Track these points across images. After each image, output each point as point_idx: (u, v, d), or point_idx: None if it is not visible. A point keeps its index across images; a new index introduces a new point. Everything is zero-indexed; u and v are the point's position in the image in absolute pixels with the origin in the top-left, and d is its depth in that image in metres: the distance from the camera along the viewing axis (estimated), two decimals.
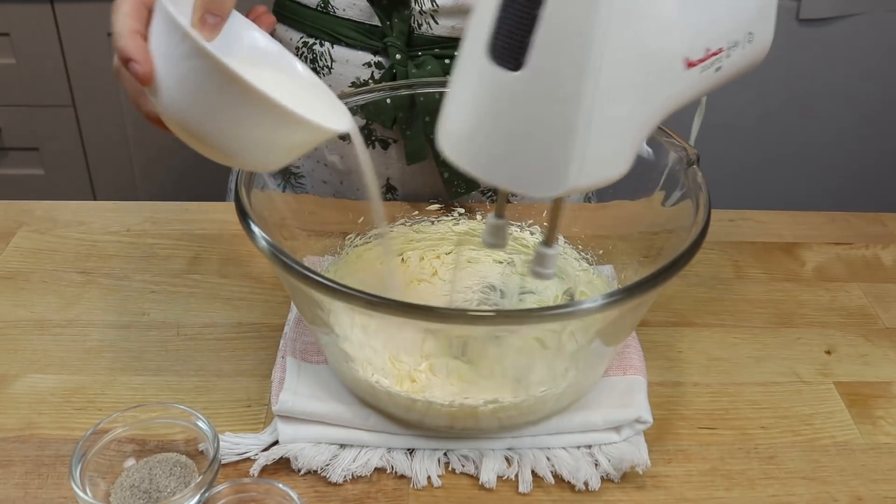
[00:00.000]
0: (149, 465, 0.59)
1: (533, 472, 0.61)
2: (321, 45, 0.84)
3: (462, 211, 0.81)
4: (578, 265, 0.76)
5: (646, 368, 0.67)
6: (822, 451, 0.64)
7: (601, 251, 0.75)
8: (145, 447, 0.60)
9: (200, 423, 0.60)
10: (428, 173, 0.84)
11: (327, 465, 0.60)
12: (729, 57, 0.49)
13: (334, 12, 0.82)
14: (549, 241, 0.53)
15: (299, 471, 0.61)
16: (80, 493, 0.55)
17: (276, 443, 0.61)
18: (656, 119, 0.47)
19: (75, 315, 0.75)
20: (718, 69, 0.49)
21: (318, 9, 0.83)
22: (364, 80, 0.84)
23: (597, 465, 0.61)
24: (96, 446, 0.58)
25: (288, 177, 0.85)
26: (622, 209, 0.73)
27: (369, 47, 0.83)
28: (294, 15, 0.85)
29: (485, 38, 0.44)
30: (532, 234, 0.79)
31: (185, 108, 0.51)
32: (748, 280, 0.83)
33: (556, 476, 0.61)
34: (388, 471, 0.61)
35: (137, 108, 0.59)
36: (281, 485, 0.56)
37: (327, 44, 0.84)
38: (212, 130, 0.51)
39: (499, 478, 0.61)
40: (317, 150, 0.85)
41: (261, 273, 0.81)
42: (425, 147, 0.81)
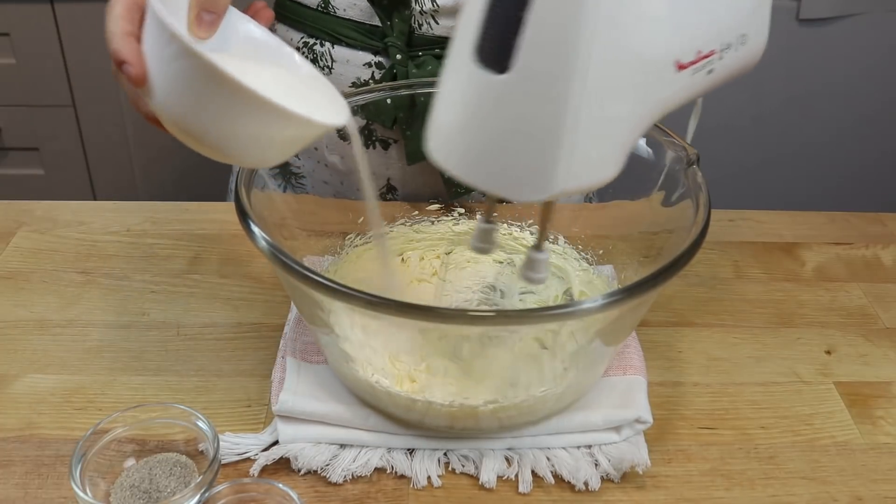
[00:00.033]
0: (149, 465, 0.59)
1: (533, 472, 0.61)
2: (321, 46, 0.84)
3: (462, 211, 0.81)
4: (578, 265, 0.76)
5: (646, 368, 0.67)
6: (822, 451, 0.64)
7: (601, 251, 0.75)
8: (145, 447, 0.60)
9: (200, 423, 0.60)
10: (428, 173, 0.84)
11: (327, 465, 0.60)
12: (721, 59, 0.48)
13: (335, 12, 0.82)
14: (540, 246, 0.53)
15: (299, 471, 0.61)
16: (80, 493, 0.55)
17: (276, 443, 0.61)
18: (647, 121, 0.47)
19: (75, 315, 0.75)
20: (711, 71, 0.48)
21: (319, 9, 0.83)
22: (364, 81, 0.84)
23: (597, 465, 0.61)
24: (96, 446, 0.58)
25: (288, 177, 0.85)
26: (622, 209, 0.73)
27: (370, 47, 0.83)
28: (294, 15, 0.85)
29: (471, 40, 0.43)
30: (532, 234, 0.79)
31: (178, 108, 0.51)
32: (748, 280, 0.83)
33: (556, 476, 0.61)
34: (388, 471, 0.61)
35: (136, 108, 0.59)
36: (281, 485, 0.56)
37: (328, 44, 0.84)
38: (206, 129, 0.51)
39: (499, 478, 0.61)
40: (317, 150, 0.85)
41: (261, 273, 0.81)
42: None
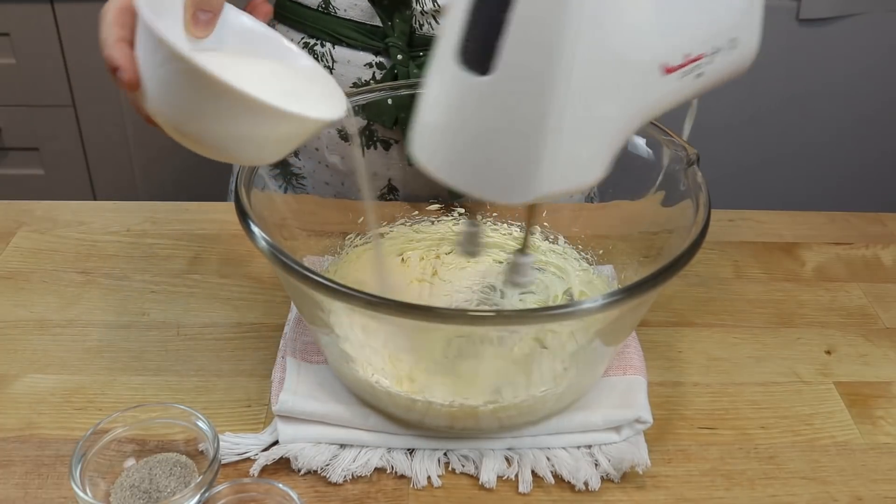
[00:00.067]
0: (149, 465, 0.59)
1: (533, 472, 0.61)
2: (322, 46, 0.84)
3: (462, 211, 0.81)
4: (578, 265, 0.76)
5: (646, 368, 0.67)
6: (822, 451, 0.64)
7: (601, 251, 0.75)
8: (145, 447, 0.60)
9: (200, 423, 0.60)
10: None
11: (327, 465, 0.60)
12: (711, 63, 0.48)
13: (335, 13, 0.82)
14: (525, 249, 0.53)
15: (299, 471, 0.60)
16: (80, 493, 0.55)
17: (276, 443, 0.61)
18: (634, 124, 0.46)
19: (75, 315, 0.75)
20: (700, 75, 0.48)
21: (319, 9, 0.83)
22: (365, 81, 0.84)
23: (597, 465, 0.61)
24: (96, 446, 0.58)
25: (289, 178, 0.85)
26: (622, 209, 0.73)
27: (371, 48, 0.83)
28: (294, 16, 0.85)
29: (454, 42, 0.43)
30: (532, 233, 0.79)
31: (171, 111, 0.51)
32: (748, 280, 0.83)
33: (556, 476, 0.61)
34: (388, 471, 0.61)
35: (136, 110, 0.59)
36: (281, 485, 0.56)
37: (328, 44, 0.84)
38: (200, 131, 0.51)
39: (499, 478, 0.61)
40: (318, 150, 0.85)
41: (261, 273, 0.81)
42: None
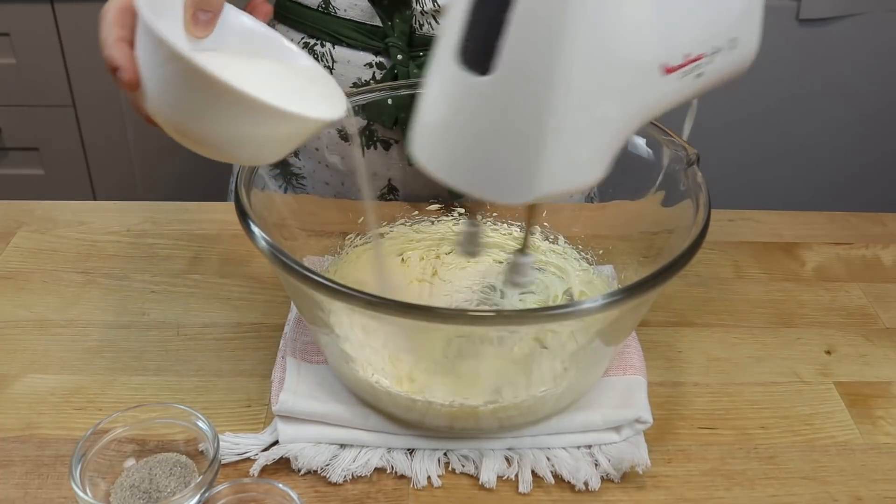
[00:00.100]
0: (149, 465, 0.59)
1: (533, 472, 0.61)
2: (322, 46, 0.84)
3: (462, 211, 0.81)
4: (578, 265, 0.76)
5: (646, 368, 0.67)
6: (822, 451, 0.64)
7: (601, 251, 0.75)
8: (145, 447, 0.60)
9: (200, 423, 0.60)
10: None
11: (327, 465, 0.60)
12: (711, 63, 0.48)
13: (335, 13, 0.82)
14: (525, 249, 0.53)
15: (299, 471, 0.60)
16: (80, 493, 0.55)
17: (276, 443, 0.61)
18: (634, 124, 0.46)
19: (75, 315, 0.75)
20: (700, 75, 0.47)
21: (319, 9, 0.83)
22: (365, 81, 0.84)
23: (597, 465, 0.61)
24: (96, 446, 0.58)
25: (289, 178, 0.85)
26: (622, 209, 0.73)
27: (371, 48, 0.83)
28: (294, 16, 0.85)
29: (454, 42, 0.43)
30: (532, 233, 0.79)
31: (171, 111, 0.51)
32: (748, 280, 0.83)
33: (556, 476, 0.61)
34: (388, 471, 0.61)
35: (136, 110, 0.59)
36: (281, 485, 0.56)
37: (328, 44, 0.84)
38: (200, 131, 0.51)
39: (499, 478, 0.61)
40: (318, 150, 0.85)
41: (261, 273, 0.81)
42: None
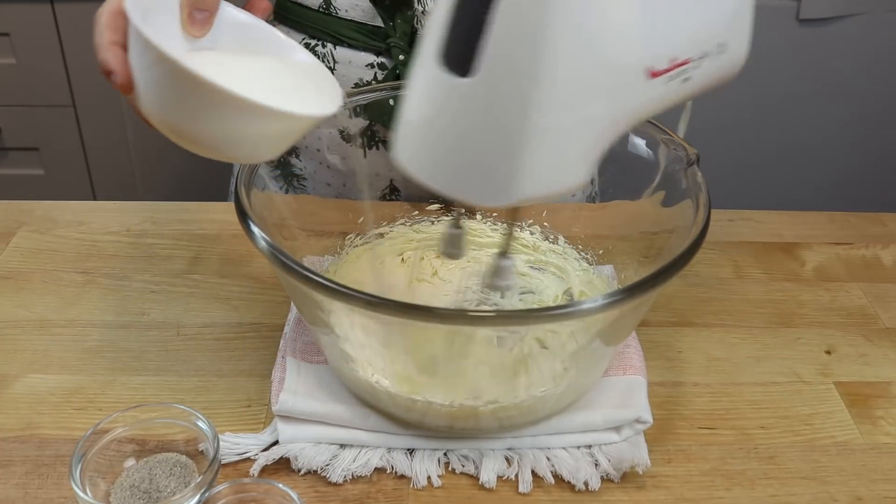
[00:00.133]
0: (149, 465, 0.59)
1: (533, 472, 0.61)
2: (323, 47, 0.84)
3: (462, 211, 0.81)
4: (578, 265, 0.76)
5: (646, 368, 0.67)
6: (822, 451, 0.64)
7: (601, 251, 0.75)
8: (145, 447, 0.60)
9: (200, 423, 0.60)
10: None
11: (327, 465, 0.60)
12: (699, 68, 0.47)
13: (336, 13, 0.82)
14: (505, 252, 0.53)
15: (299, 471, 0.60)
16: (80, 493, 0.55)
17: (276, 443, 0.61)
18: (619, 128, 0.46)
19: (75, 315, 0.75)
20: (687, 80, 0.47)
21: (320, 10, 0.83)
22: (367, 82, 0.84)
23: (597, 465, 0.61)
24: (96, 446, 0.58)
25: (290, 179, 0.85)
26: (622, 209, 0.73)
27: (372, 48, 0.83)
28: (295, 16, 0.85)
29: (437, 43, 0.43)
30: (532, 233, 0.79)
31: (164, 112, 0.51)
32: (748, 280, 0.83)
33: (556, 476, 0.61)
34: (388, 471, 0.61)
35: (135, 111, 0.59)
36: (281, 485, 0.56)
37: (329, 45, 0.84)
38: (193, 131, 0.51)
39: (499, 478, 0.61)
40: (319, 151, 0.85)
41: (261, 273, 0.81)
42: None
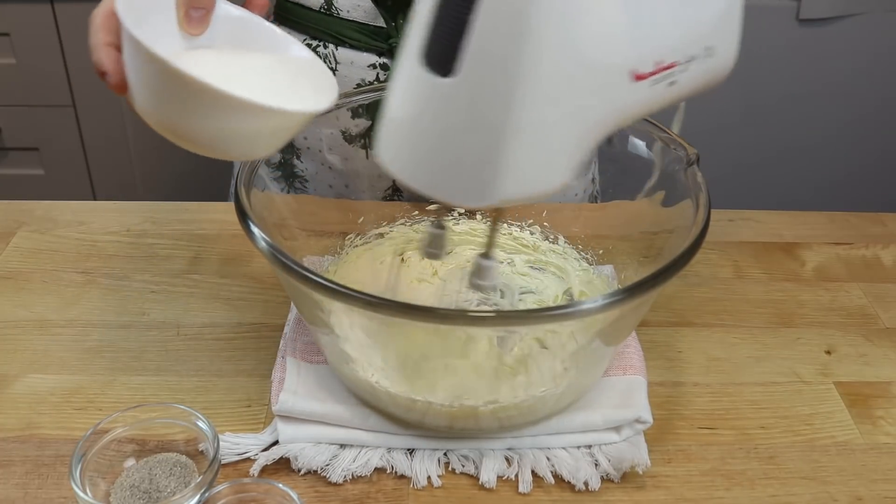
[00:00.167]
0: (149, 465, 0.59)
1: (533, 472, 0.61)
2: (325, 48, 0.84)
3: (462, 211, 0.81)
4: (578, 265, 0.76)
5: (646, 368, 0.67)
6: (822, 451, 0.64)
7: (601, 251, 0.75)
8: (145, 447, 0.60)
9: (200, 423, 0.60)
10: None
11: (327, 465, 0.60)
12: (685, 72, 0.47)
13: (338, 14, 0.82)
14: (488, 253, 0.53)
15: (299, 471, 0.60)
16: (80, 493, 0.55)
17: (276, 443, 0.61)
18: (602, 130, 0.46)
19: (75, 315, 0.75)
20: (672, 84, 0.47)
21: (322, 11, 0.83)
22: (369, 82, 0.84)
23: (597, 465, 0.61)
24: (96, 446, 0.58)
25: (291, 180, 0.85)
26: (622, 209, 0.73)
27: (374, 49, 0.83)
28: (296, 17, 0.85)
29: (419, 42, 0.43)
30: (532, 233, 0.79)
31: (157, 110, 0.52)
32: (748, 280, 0.83)
33: (556, 476, 0.61)
34: (388, 471, 0.61)
35: (133, 111, 0.59)
36: (281, 485, 0.56)
37: (331, 46, 0.83)
38: (186, 129, 0.51)
39: (499, 478, 0.61)
40: (320, 152, 0.85)
41: (261, 273, 0.81)
42: None
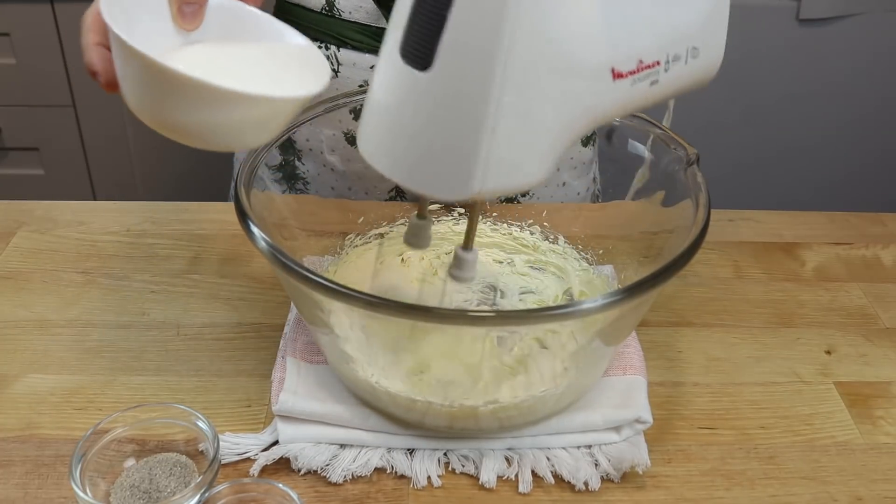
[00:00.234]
0: (149, 465, 0.59)
1: (533, 472, 0.61)
2: (327, 49, 0.83)
3: (462, 211, 0.81)
4: (578, 265, 0.76)
5: (646, 368, 0.67)
6: (822, 451, 0.64)
7: (601, 251, 0.75)
8: (145, 447, 0.60)
9: (200, 423, 0.60)
10: None
11: (327, 465, 0.60)
12: (668, 71, 0.47)
13: (340, 15, 0.82)
14: (467, 245, 0.53)
15: (299, 471, 0.60)
16: (80, 493, 0.55)
17: (276, 443, 0.61)
18: (580, 127, 0.46)
19: (75, 315, 0.75)
20: (655, 83, 0.47)
21: (324, 12, 0.83)
22: None
23: (597, 465, 0.61)
24: (96, 446, 0.58)
25: (293, 182, 0.85)
26: (622, 209, 0.73)
27: (376, 50, 0.82)
28: (297, 18, 0.84)
29: (398, 36, 0.44)
30: (532, 233, 0.79)
31: (146, 106, 0.52)
32: (748, 280, 0.83)
33: (556, 476, 0.61)
34: (388, 471, 0.61)
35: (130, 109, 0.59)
36: (281, 485, 0.56)
37: (333, 47, 0.83)
38: (176, 122, 0.51)
39: (499, 478, 0.61)
40: (322, 153, 0.85)
41: (261, 273, 0.81)
42: None
